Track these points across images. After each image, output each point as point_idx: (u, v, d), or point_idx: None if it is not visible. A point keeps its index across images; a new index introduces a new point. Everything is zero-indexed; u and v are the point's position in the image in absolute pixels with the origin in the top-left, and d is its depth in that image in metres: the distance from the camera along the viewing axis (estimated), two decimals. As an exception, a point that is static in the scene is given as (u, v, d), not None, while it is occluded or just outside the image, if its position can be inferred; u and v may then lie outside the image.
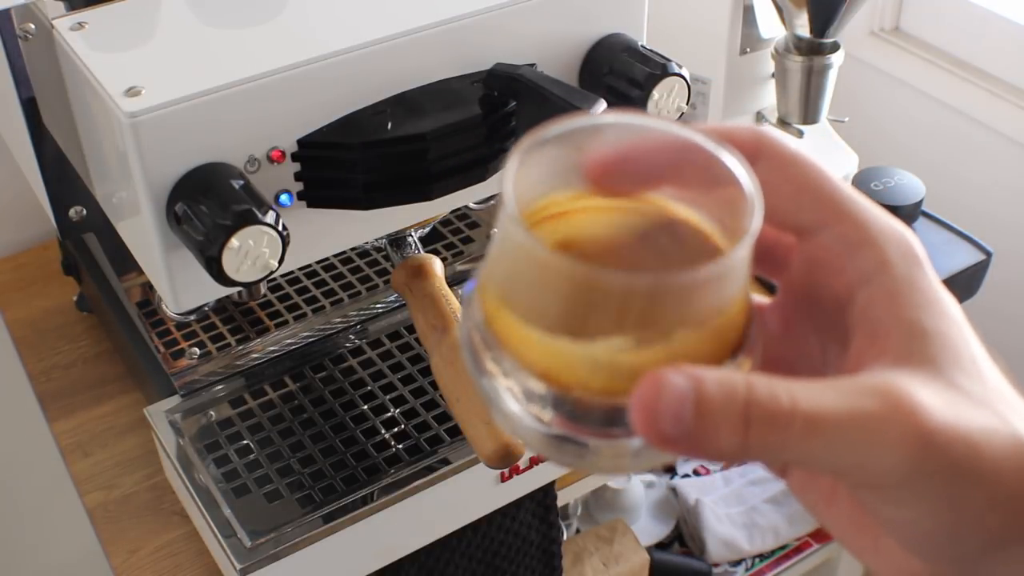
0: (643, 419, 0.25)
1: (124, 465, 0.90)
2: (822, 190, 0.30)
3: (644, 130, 0.29)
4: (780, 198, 0.30)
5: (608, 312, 0.26)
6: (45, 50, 0.64)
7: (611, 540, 1.19)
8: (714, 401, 0.24)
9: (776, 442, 0.24)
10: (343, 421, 0.83)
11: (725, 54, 1.11)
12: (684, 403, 0.24)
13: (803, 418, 0.24)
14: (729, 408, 0.24)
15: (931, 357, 0.27)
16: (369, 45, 0.60)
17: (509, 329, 0.27)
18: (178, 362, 0.87)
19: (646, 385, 0.25)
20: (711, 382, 0.24)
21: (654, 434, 0.24)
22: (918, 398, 0.25)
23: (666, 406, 0.24)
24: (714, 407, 0.24)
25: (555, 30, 0.66)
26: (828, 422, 0.25)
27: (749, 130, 0.31)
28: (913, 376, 0.26)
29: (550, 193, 0.29)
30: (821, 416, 0.25)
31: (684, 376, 0.24)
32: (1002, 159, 1.36)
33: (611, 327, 0.26)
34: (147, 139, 0.55)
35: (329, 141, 0.60)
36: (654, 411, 0.24)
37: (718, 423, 0.24)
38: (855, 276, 0.29)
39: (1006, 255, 1.25)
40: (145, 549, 0.84)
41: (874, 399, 0.25)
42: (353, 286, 0.95)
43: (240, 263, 0.55)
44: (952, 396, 0.26)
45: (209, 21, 0.63)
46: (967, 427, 0.26)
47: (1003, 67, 1.33)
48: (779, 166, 0.30)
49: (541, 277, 0.26)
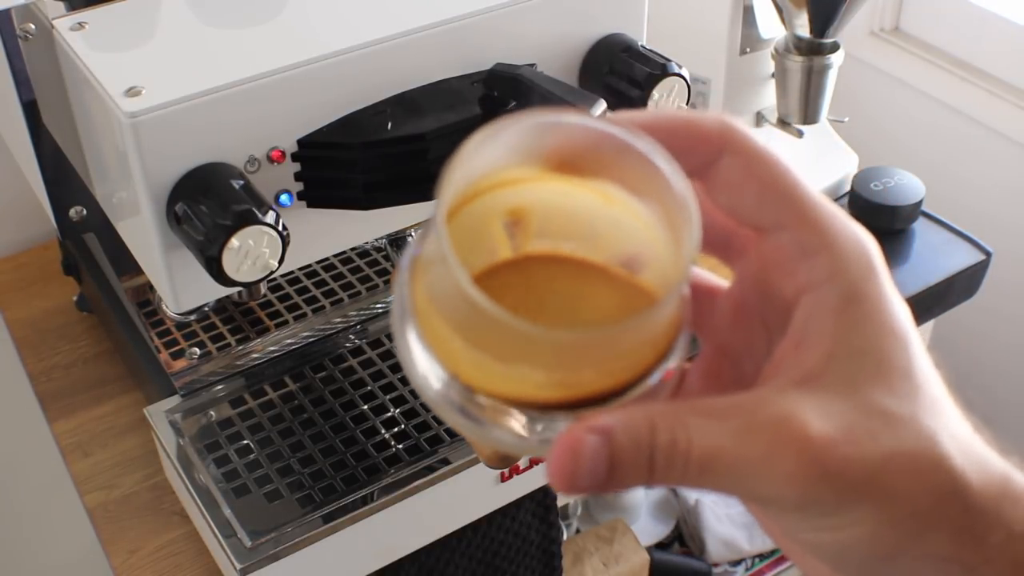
0: (561, 482, 0.27)
1: (124, 465, 0.90)
2: (785, 191, 0.30)
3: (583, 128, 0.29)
4: (742, 195, 0.30)
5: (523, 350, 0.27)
6: (45, 50, 0.64)
7: (611, 540, 1.19)
8: (624, 454, 0.27)
9: (676, 478, 0.27)
10: (343, 421, 0.83)
11: (725, 54, 1.11)
12: (598, 462, 0.27)
13: (697, 461, 0.27)
14: (636, 458, 0.27)
15: (848, 377, 0.28)
16: (369, 45, 0.60)
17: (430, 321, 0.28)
18: (178, 362, 0.88)
19: (561, 451, 0.27)
20: (620, 434, 0.27)
21: (570, 490, 0.27)
22: (809, 426, 0.26)
23: (582, 467, 0.27)
24: (624, 460, 0.27)
25: (555, 30, 0.66)
26: (719, 461, 0.27)
27: (716, 122, 0.30)
28: (815, 398, 0.27)
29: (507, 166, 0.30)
30: (713, 457, 0.27)
31: (597, 435, 0.27)
32: (1002, 159, 1.36)
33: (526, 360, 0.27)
34: (147, 139, 0.55)
35: (329, 141, 0.60)
36: (572, 474, 0.27)
37: (627, 472, 0.27)
38: (804, 281, 0.29)
39: (1006, 255, 1.25)
40: (145, 549, 0.84)
41: (764, 435, 0.27)
42: (353, 286, 0.95)
43: (240, 263, 0.55)
44: (857, 419, 0.27)
45: (209, 21, 0.63)
46: (862, 451, 0.26)
47: (1003, 67, 1.33)
48: (744, 162, 0.30)
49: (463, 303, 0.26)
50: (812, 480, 0.26)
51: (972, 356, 1.46)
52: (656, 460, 0.27)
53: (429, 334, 0.28)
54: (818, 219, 0.29)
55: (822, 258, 0.29)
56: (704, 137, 0.30)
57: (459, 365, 0.28)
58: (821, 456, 0.26)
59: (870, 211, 1.13)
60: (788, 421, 0.26)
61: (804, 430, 0.26)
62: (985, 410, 0.31)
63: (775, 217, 0.30)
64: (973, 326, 1.41)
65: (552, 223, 0.30)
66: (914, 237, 1.14)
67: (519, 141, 0.29)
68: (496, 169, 0.29)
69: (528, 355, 0.27)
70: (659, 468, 0.27)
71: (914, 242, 1.14)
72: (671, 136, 0.30)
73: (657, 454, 0.27)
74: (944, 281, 1.10)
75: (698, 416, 0.27)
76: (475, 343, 0.27)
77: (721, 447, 0.26)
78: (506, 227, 0.30)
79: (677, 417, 0.27)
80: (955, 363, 0.32)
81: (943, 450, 0.27)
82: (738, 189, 0.30)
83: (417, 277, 0.29)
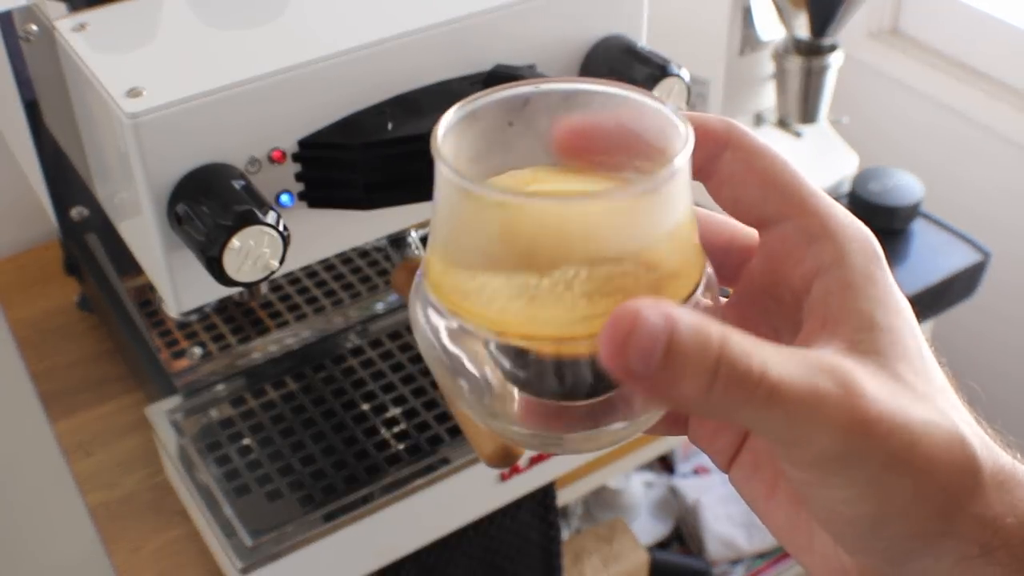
0: (611, 351, 0.24)
1: (125, 464, 0.90)
2: (787, 183, 0.31)
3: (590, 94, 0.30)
4: (745, 188, 0.31)
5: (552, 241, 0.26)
6: (47, 51, 0.64)
7: (611, 539, 1.19)
8: (686, 347, 0.24)
9: (737, 402, 0.24)
10: (343, 421, 0.83)
11: (724, 55, 1.11)
12: (656, 343, 0.24)
13: (769, 386, 0.24)
14: (700, 358, 0.24)
15: (880, 349, 0.28)
16: (370, 46, 0.60)
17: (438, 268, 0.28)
18: (179, 362, 0.88)
19: (619, 316, 0.24)
20: (686, 327, 0.24)
21: (619, 367, 0.24)
22: (863, 384, 0.26)
23: (637, 342, 0.24)
24: (685, 353, 0.24)
25: (555, 31, 0.66)
26: (790, 395, 0.25)
27: (720, 120, 0.31)
28: (860, 363, 0.27)
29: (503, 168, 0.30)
30: (785, 387, 0.25)
31: (660, 315, 0.24)
32: (1000, 160, 1.36)
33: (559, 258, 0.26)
34: (148, 140, 0.55)
35: (330, 142, 0.60)
36: (624, 345, 0.24)
37: (686, 370, 0.24)
38: (813, 267, 0.30)
39: (1004, 255, 1.25)
40: (146, 548, 0.84)
41: (829, 379, 0.25)
42: (353, 286, 0.95)
43: (241, 263, 0.55)
44: (897, 387, 0.27)
45: (210, 22, 0.63)
46: (906, 418, 0.26)
47: (1001, 69, 1.34)
48: (746, 157, 0.31)
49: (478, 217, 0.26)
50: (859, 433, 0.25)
51: (971, 356, 1.46)
52: (722, 371, 0.24)
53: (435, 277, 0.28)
54: (820, 208, 0.30)
55: (827, 243, 0.29)
56: (709, 133, 0.31)
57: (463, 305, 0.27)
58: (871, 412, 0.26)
59: (869, 211, 1.13)
60: (848, 372, 0.26)
61: (861, 383, 0.26)
62: (984, 410, 0.31)
63: (778, 208, 0.30)
64: (972, 326, 1.41)
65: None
66: (913, 237, 1.15)
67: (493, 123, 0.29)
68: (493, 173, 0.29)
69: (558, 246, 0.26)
70: (723, 381, 0.24)
71: (913, 242, 1.14)
72: None
73: (724, 367, 0.24)
74: (943, 281, 1.11)
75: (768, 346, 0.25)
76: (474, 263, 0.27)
77: (792, 379, 0.25)
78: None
79: (748, 338, 0.25)
80: (954, 363, 0.32)
81: (961, 427, 0.27)
82: (741, 183, 0.31)
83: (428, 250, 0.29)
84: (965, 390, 0.31)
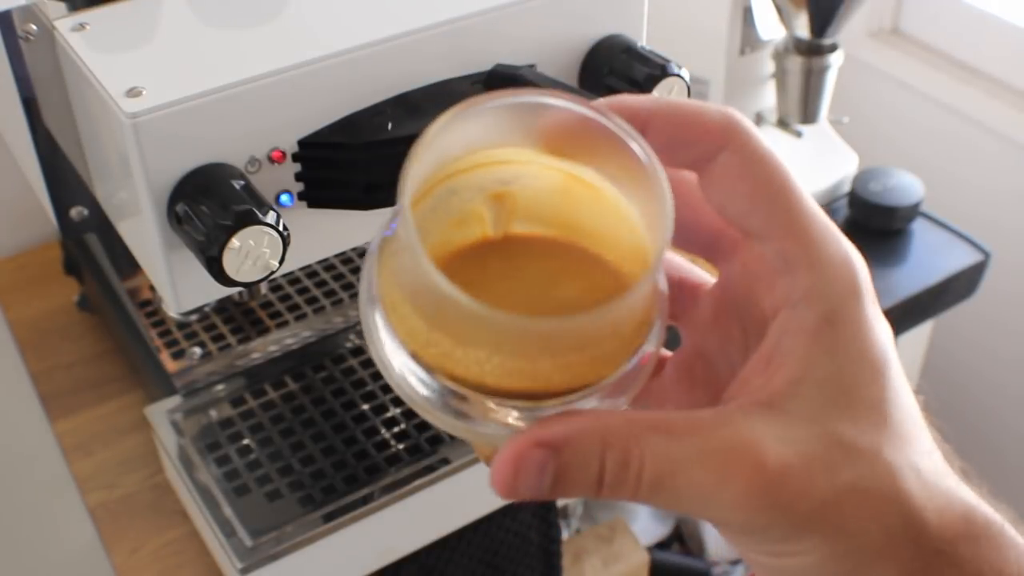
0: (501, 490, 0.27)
1: (125, 464, 0.90)
2: (777, 199, 0.29)
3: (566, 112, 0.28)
4: (734, 196, 0.29)
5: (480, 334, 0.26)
6: (46, 51, 0.64)
7: (611, 540, 1.19)
8: (571, 469, 0.26)
9: (625, 495, 0.27)
10: (343, 420, 0.83)
11: (725, 55, 1.11)
12: (542, 476, 0.26)
13: (648, 480, 0.26)
14: (584, 473, 0.27)
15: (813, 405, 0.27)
16: (369, 46, 0.60)
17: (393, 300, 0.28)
18: (179, 362, 0.88)
19: (503, 463, 0.27)
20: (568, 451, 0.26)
21: (510, 498, 0.27)
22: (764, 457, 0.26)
23: (523, 481, 0.26)
24: (571, 475, 0.27)
25: (555, 31, 0.66)
26: (671, 482, 0.27)
27: (720, 116, 0.29)
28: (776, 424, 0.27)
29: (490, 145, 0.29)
30: (665, 477, 0.26)
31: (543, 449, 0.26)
32: (1000, 160, 1.36)
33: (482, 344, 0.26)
34: (148, 140, 0.55)
35: (330, 141, 0.60)
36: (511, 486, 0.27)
37: (573, 486, 0.27)
38: (781, 297, 0.28)
39: (1004, 255, 1.25)
40: (146, 548, 0.84)
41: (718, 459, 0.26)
42: (353, 286, 0.95)
43: (241, 263, 0.55)
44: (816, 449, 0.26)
45: (210, 22, 0.63)
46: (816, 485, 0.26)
47: (1001, 68, 1.34)
48: (741, 162, 0.29)
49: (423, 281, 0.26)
50: (762, 508, 0.26)
51: (970, 356, 1.46)
52: (605, 477, 0.27)
53: (393, 317, 0.28)
54: (805, 232, 0.28)
55: (803, 275, 0.28)
56: (706, 130, 0.29)
57: (422, 349, 0.27)
58: (773, 486, 0.26)
59: (869, 211, 1.13)
60: (743, 447, 0.26)
61: (758, 458, 0.26)
62: (984, 411, 0.30)
63: (762, 224, 0.29)
64: (971, 326, 1.41)
65: (536, 205, 0.30)
66: (913, 237, 1.15)
67: (501, 120, 0.28)
68: (479, 147, 0.29)
69: (485, 340, 0.26)
70: (608, 484, 0.27)
71: (913, 242, 1.14)
72: (673, 125, 0.29)
73: (607, 472, 0.26)
74: (943, 281, 1.11)
75: (654, 433, 0.27)
76: (434, 324, 0.27)
77: (674, 469, 0.26)
78: (489, 206, 0.30)
79: (632, 434, 0.27)
80: (953, 363, 0.31)
81: (902, 486, 0.27)
82: (730, 189, 0.29)
83: (384, 259, 0.29)
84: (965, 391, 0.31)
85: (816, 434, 0.27)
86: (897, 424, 0.27)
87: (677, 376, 0.32)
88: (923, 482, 0.27)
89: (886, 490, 0.26)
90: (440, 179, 0.29)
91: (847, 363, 0.27)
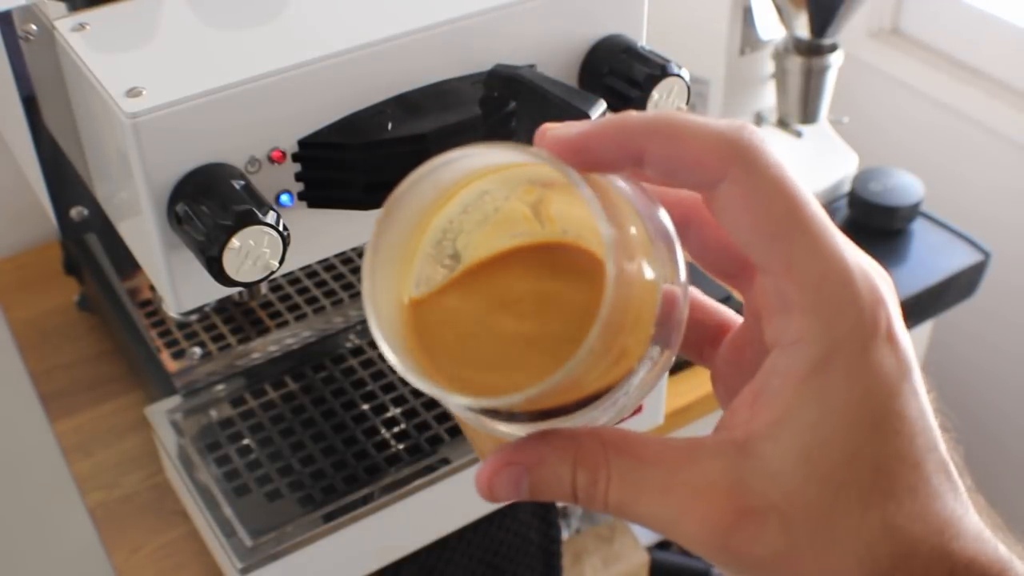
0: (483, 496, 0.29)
1: (125, 464, 0.90)
2: (780, 231, 0.27)
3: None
4: (736, 228, 0.27)
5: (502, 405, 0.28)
6: (46, 51, 0.64)
7: (611, 539, 1.19)
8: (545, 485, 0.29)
9: (596, 510, 0.29)
10: (343, 421, 0.83)
11: (724, 55, 1.11)
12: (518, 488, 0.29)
13: (613, 503, 0.28)
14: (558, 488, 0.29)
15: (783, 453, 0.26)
16: (369, 46, 0.60)
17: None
18: (179, 362, 0.88)
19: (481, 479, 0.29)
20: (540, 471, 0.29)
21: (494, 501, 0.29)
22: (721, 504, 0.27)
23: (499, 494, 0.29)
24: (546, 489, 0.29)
25: (555, 31, 0.66)
26: (632, 509, 0.28)
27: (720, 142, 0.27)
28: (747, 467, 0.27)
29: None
30: (627, 504, 0.28)
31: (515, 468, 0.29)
32: (1000, 160, 1.36)
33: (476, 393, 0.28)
34: (148, 140, 0.55)
35: (330, 142, 0.60)
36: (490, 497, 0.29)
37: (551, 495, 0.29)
38: (776, 336, 0.27)
39: (1004, 255, 1.25)
40: (146, 548, 0.84)
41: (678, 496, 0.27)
42: (353, 286, 0.95)
43: (241, 263, 0.55)
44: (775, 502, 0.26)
45: (210, 22, 0.63)
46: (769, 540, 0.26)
47: (1001, 69, 1.34)
48: (743, 192, 0.27)
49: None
50: (714, 550, 0.27)
51: (971, 356, 1.46)
52: (577, 491, 0.28)
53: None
54: (806, 271, 0.27)
55: (799, 317, 0.27)
56: (702, 161, 0.27)
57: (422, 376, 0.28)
58: (725, 531, 0.26)
59: (869, 211, 1.13)
60: (702, 490, 0.27)
61: (714, 503, 0.26)
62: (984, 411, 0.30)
63: (762, 258, 0.27)
64: (971, 326, 1.41)
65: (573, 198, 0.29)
66: (913, 237, 1.15)
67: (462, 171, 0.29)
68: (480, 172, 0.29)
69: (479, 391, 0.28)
70: (580, 499, 0.29)
71: (913, 242, 1.14)
72: (669, 155, 0.28)
73: (578, 487, 0.28)
74: (943, 281, 1.11)
75: (623, 456, 0.28)
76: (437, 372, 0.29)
77: (636, 496, 0.27)
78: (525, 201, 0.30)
79: (603, 456, 0.28)
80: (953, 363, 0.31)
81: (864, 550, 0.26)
82: (732, 220, 0.27)
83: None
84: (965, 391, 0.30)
85: (780, 486, 0.26)
86: (880, 477, 0.26)
87: (730, 358, 0.32)
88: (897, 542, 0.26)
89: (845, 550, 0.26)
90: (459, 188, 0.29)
91: (831, 413, 0.26)
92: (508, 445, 0.29)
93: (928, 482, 0.27)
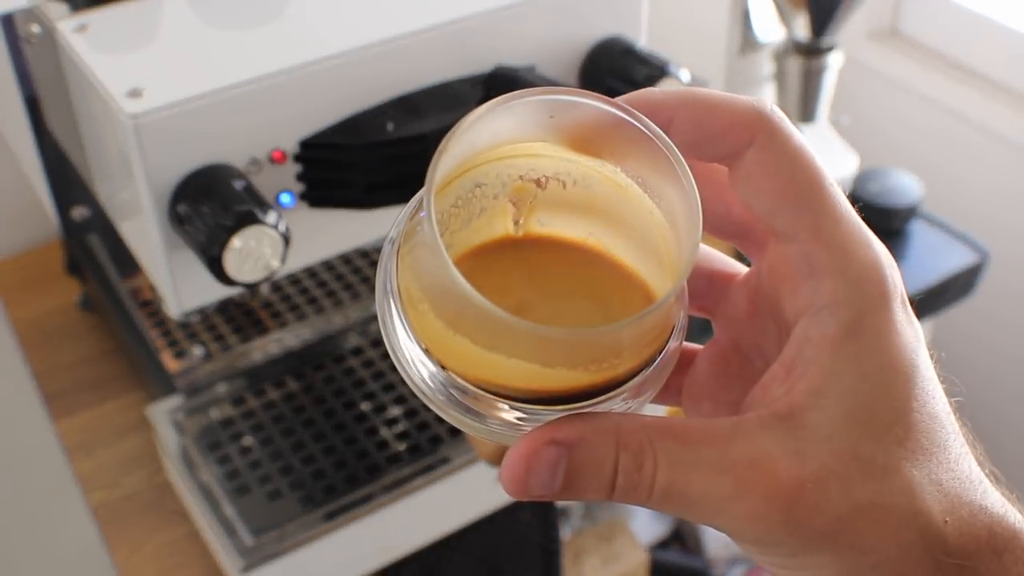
0: (511, 488, 0.27)
1: (126, 464, 0.90)
2: (804, 199, 0.27)
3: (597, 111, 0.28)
4: (760, 194, 0.28)
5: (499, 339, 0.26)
6: (48, 52, 0.65)
7: (610, 539, 1.19)
8: (584, 469, 0.26)
9: (636, 501, 0.26)
10: (344, 420, 0.83)
11: (724, 55, 1.12)
12: (554, 475, 0.26)
13: (661, 488, 0.26)
14: (597, 475, 0.26)
15: (833, 418, 0.26)
16: (370, 47, 0.60)
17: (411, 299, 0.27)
18: (180, 362, 0.88)
19: (515, 459, 0.26)
20: (582, 450, 0.26)
21: (521, 497, 0.26)
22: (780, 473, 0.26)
23: (534, 479, 0.26)
24: (583, 475, 0.26)
25: (555, 32, 0.66)
26: (684, 493, 0.26)
27: (748, 109, 0.28)
28: (794, 437, 0.26)
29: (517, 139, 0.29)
30: (678, 487, 0.26)
31: (556, 447, 0.26)
32: (999, 161, 1.36)
33: (502, 349, 0.26)
34: (149, 140, 0.55)
35: (331, 142, 0.60)
36: (523, 483, 0.26)
37: (585, 487, 0.26)
38: (805, 302, 0.27)
39: (1003, 256, 1.25)
40: (147, 547, 0.84)
41: (733, 473, 0.26)
42: (354, 286, 0.95)
43: (242, 263, 0.55)
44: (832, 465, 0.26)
45: (211, 23, 0.64)
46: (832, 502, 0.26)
47: (999, 70, 1.34)
48: (769, 159, 0.28)
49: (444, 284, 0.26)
50: (775, 524, 0.26)
51: (969, 356, 1.46)
52: (618, 479, 0.26)
53: (410, 312, 0.27)
54: (831, 236, 0.27)
55: (828, 280, 0.27)
56: (732, 125, 0.28)
57: (437, 347, 0.27)
58: (787, 501, 0.26)
59: (868, 212, 1.13)
60: (759, 461, 0.26)
61: (774, 472, 0.26)
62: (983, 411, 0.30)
63: (787, 225, 0.28)
64: (970, 326, 1.41)
65: (559, 201, 0.29)
66: (912, 238, 1.15)
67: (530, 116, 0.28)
68: (505, 141, 0.29)
69: (503, 345, 0.26)
70: (620, 487, 0.26)
71: (912, 243, 1.14)
72: (698, 121, 0.28)
73: (620, 474, 0.26)
74: (942, 282, 1.11)
75: (669, 438, 0.26)
76: (454, 326, 0.26)
77: (687, 476, 0.26)
78: (512, 198, 0.29)
79: (647, 438, 0.26)
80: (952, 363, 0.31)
81: (920, 504, 0.26)
82: (757, 186, 0.28)
83: (404, 251, 0.28)
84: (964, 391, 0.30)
85: (834, 449, 0.26)
86: (921, 435, 0.27)
87: (712, 370, 0.32)
88: (944, 496, 0.26)
89: (903, 507, 0.26)
90: (465, 169, 0.29)
91: (870, 374, 0.26)
92: (544, 424, 0.27)
93: (957, 439, 0.27)
